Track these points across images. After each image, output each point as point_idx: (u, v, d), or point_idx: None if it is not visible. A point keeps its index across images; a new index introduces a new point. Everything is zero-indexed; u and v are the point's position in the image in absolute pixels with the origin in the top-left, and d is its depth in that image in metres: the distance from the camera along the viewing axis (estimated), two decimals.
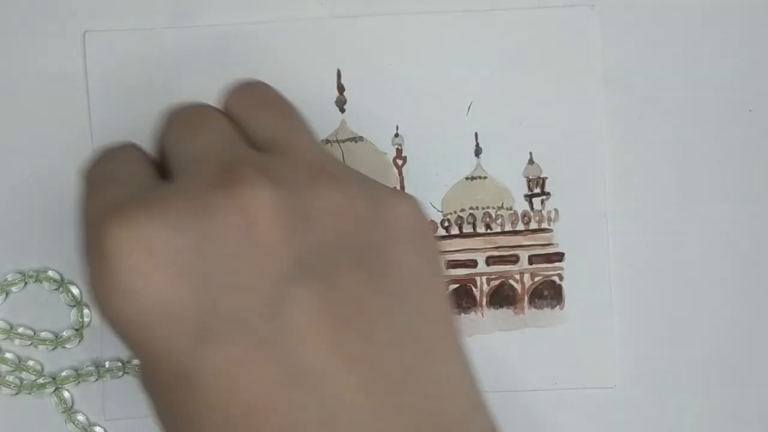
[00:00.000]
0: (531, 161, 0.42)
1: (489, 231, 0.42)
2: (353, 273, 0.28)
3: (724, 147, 0.43)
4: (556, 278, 0.42)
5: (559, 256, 0.42)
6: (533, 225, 0.42)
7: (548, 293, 0.42)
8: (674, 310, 0.43)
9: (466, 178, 0.42)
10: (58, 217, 0.41)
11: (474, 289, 0.42)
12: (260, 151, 0.32)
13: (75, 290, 0.42)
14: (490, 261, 0.42)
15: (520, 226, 0.42)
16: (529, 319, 0.42)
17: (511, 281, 0.42)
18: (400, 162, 0.42)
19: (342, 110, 0.42)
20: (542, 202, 0.42)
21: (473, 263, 0.42)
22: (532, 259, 0.42)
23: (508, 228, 0.42)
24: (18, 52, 0.42)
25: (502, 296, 0.42)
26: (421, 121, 0.42)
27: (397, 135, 0.42)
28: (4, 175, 0.42)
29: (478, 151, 0.42)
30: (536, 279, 0.42)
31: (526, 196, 0.42)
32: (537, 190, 0.42)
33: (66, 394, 0.41)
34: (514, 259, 0.42)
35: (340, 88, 0.42)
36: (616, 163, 0.42)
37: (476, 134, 0.42)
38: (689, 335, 0.43)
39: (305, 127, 0.35)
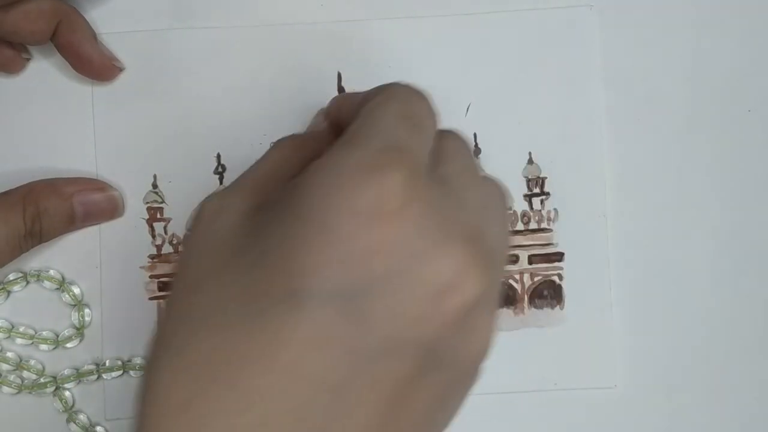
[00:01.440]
0: (530, 161, 0.42)
1: None
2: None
3: (724, 147, 0.43)
4: (555, 278, 0.42)
5: (558, 256, 0.42)
6: (533, 225, 0.42)
7: (548, 293, 0.42)
8: (674, 309, 0.42)
9: None
10: None
11: None
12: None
13: (76, 290, 0.42)
14: None
15: (520, 226, 0.42)
16: (529, 319, 0.42)
17: (511, 281, 0.42)
18: None
19: None
20: (542, 201, 0.42)
21: None
22: (531, 259, 0.42)
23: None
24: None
25: (502, 296, 0.42)
26: None
27: None
28: (7, 174, 0.42)
29: (477, 152, 0.42)
30: (536, 279, 0.42)
31: (525, 195, 0.42)
32: (536, 190, 0.42)
33: (67, 394, 0.41)
34: (513, 259, 0.42)
35: (341, 91, 0.42)
36: (616, 162, 0.42)
37: (475, 134, 0.42)
38: (689, 335, 0.42)
39: (500, 212, 0.32)
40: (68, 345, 0.41)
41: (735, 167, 0.42)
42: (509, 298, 0.42)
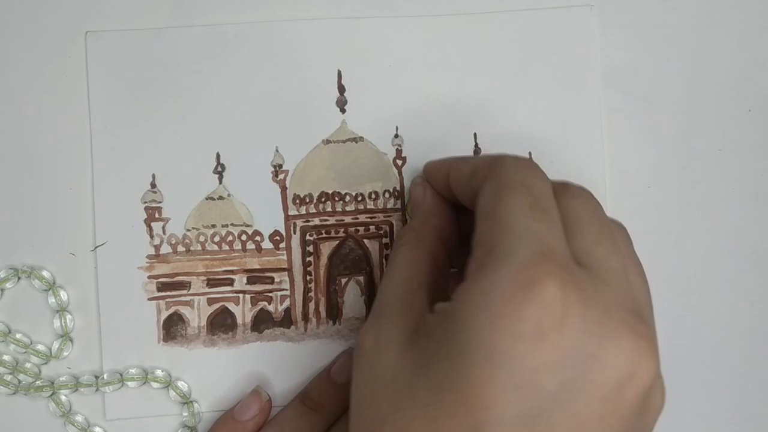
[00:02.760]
0: None
1: None
2: None
3: (724, 146, 0.43)
4: None
5: None
6: None
7: None
8: (675, 309, 0.43)
9: None
10: (56, 218, 0.41)
11: None
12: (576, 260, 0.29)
13: (63, 294, 0.41)
14: None
15: None
16: None
17: None
18: (400, 162, 0.42)
19: (342, 111, 0.42)
20: None
21: None
22: None
23: None
24: (19, 52, 0.42)
25: None
26: (421, 121, 0.42)
27: (397, 135, 0.42)
28: (4, 174, 0.41)
29: (477, 152, 0.42)
30: None
31: None
32: None
33: (63, 398, 0.41)
34: None
35: (341, 89, 0.42)
36: (616, 163, 0.42)
37: (475, 135, 0.42)
38: (690, 334, 0.43)
39: (634, 259, 0.32)
40: (63, 355, 0.41)
41: (735, 167, 0.43)
42: None
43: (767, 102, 0.43)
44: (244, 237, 0.42)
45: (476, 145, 0.42)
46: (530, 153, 0.42)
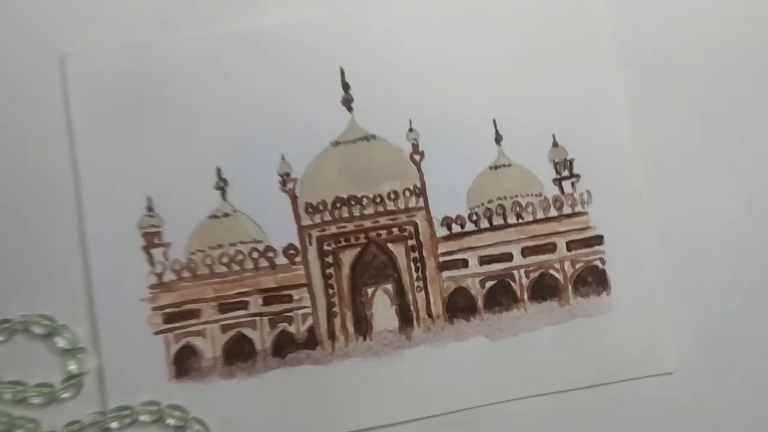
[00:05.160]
0: (555, 144, 0.42)
1: (521, 221, 0.42)
2: None
3: (751, 111, 0.43)
4: (598, 262, 0.42)
5: (598, 239, 0.42)
6: (566, 209, 0.42)
7: (592, 279, 0.42)
8: (724, 283, 0.42)
9: (490, 168, 0.42)
10: (43, 256, 0.40)
11: (513, 283, 0.42)
12: None
13: (70, 334, 0.39)
14: (525, 252, 0.42)
15: (553, 212, 0.42)
16: (575, 309, 0.42)
17: (552, 271, 0.42)
18: (417, 158, 0.41)
19: (349, 109, 0.42)
20: (572, 184, 0.42)
21: (508, 257, 0.42)
22: (570, 246, 0.42)
23: (540, 215, 0.42)
24: None
25: (544, 288, 0.42)
26: (436, 112, 0.42)
27: (411, 129, 0.42)
28: None
29: (498, 138, 0.42)
30: (577, 266, 0.42)
31: (554, 180, 0.42)
32: (565, 173, 0.42)
33: None
34: (551, 248, 0.42)
35: (345, 86, 0.41)
36: (645, 136, 0.42)
37: (494, 121, 0.42)
38: (742, 306, 0.42)
39: None
40: (65, 395, 0.39)
41: (756, 128, 0.43)
42: (552, 290, 0.41)
43: None
44: (255, 254, 0.41)
45: (497, 132, 0.42)
46: (553, 135, 0.42)
